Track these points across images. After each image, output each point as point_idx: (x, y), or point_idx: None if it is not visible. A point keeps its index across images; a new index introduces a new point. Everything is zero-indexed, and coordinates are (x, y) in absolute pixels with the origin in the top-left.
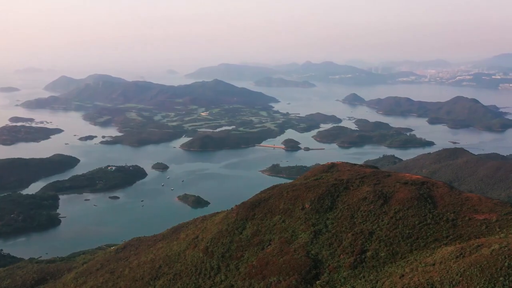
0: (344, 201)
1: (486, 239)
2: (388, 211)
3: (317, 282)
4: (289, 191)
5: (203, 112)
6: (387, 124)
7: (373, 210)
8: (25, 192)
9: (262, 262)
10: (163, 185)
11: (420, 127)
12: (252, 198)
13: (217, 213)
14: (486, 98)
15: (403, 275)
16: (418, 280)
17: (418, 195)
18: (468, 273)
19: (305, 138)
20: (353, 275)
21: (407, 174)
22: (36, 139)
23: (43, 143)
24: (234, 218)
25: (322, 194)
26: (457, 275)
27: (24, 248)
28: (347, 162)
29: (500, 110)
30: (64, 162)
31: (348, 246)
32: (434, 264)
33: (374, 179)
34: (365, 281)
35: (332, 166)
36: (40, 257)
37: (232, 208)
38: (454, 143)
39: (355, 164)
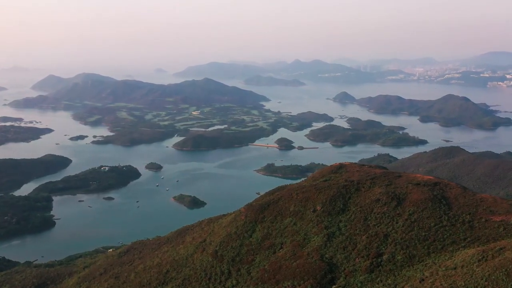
0: (357, 202)
1: (507, 241)
2: (402, 213)
3: (333, 286)
4: (299, 193)
5: (194, 111)
6: (379, 123)
7: (387, 212)
8: (17, 193)
9: (274, 266)
10: (157, 186)
11: (412, 125)
12: (260, 200)
13: (224, 215)
14: (476, 96)
15: (423, 279)
16: (441, 284)
17: (432, 197)
18: (493, 277)
19: (298, 137)
20: (370, 279)
21: (418, 175)
22: (26, 139)
23: (33, 143)
24: (243, 220)
25: (334, 195)
26: (482, 279)
27: (19, 251)
28: (355, 163)
29: (490, 108)
30: (56, 162)
31: (363, 249)
32: (455, 268)
33: (385, 180)
34: (383, 285)
35: (340, 167)
36: (36, 260)
37: (240, 210)
38: (447, 141)
39: (363, 165)
